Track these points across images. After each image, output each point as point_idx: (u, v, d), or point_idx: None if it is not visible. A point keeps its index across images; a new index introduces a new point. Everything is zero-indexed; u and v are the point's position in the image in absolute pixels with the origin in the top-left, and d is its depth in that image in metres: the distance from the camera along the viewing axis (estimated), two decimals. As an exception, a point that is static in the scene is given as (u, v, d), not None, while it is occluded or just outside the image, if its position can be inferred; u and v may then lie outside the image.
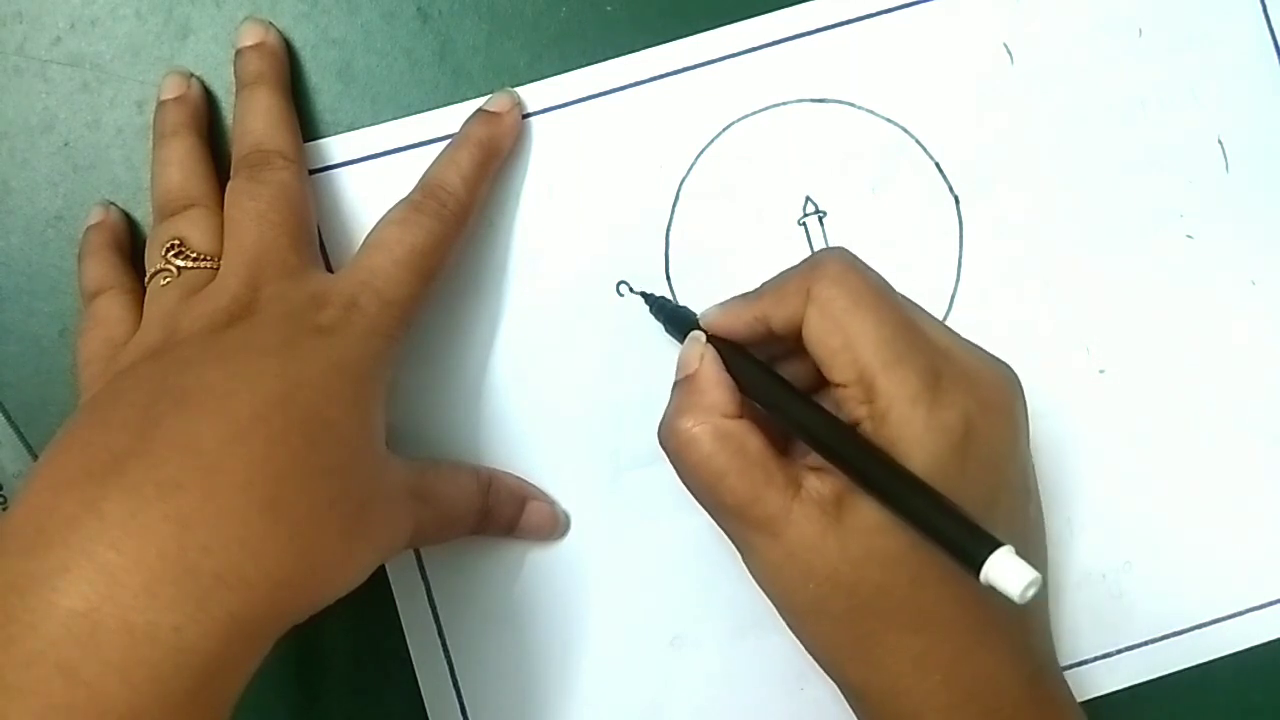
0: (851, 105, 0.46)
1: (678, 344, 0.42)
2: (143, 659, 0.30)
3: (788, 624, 0.40)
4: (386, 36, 0.45)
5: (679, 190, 0.45)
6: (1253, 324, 0.47)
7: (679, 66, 0.45)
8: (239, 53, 0.43)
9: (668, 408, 0.40)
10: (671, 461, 0.40)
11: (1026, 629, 0.40)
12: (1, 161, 0.44)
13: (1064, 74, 0.46)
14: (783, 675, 0.46)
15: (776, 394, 0.39)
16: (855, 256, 0.39)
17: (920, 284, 0.45)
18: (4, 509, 0.44)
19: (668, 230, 0.45)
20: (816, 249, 0.45)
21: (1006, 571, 0.32)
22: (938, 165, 0.46)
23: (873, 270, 0.39)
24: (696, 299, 0.45)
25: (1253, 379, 0.47)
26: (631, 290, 0.45)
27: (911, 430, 0.36)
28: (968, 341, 0.40)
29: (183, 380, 0.35)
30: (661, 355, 0.45)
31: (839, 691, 0.41)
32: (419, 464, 0.42)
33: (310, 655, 0.45)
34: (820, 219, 0.46)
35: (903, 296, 0.39)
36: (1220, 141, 0.47)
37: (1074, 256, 0.46)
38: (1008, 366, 0.40)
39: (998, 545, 0.33)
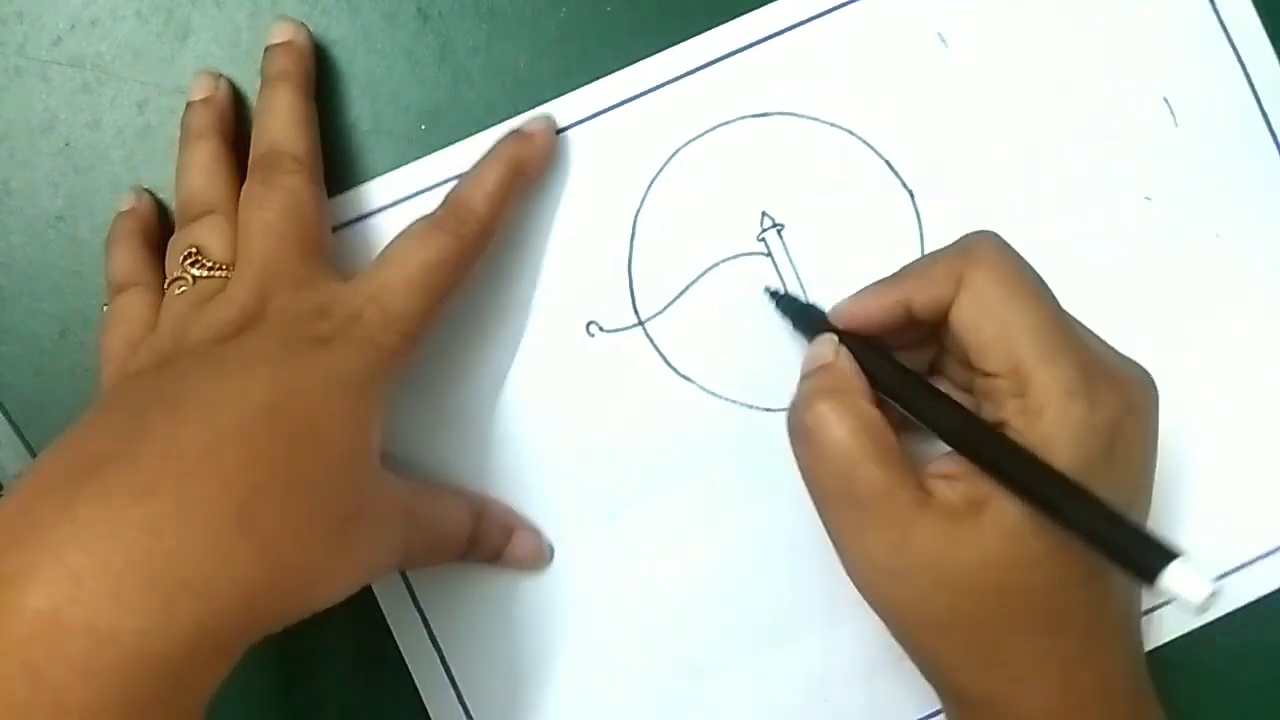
0: (794, 115, 0.45)
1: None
2: (106, 662, 0.30)
3: (899, 635, 0.39)
4: (386, 36, 0.45)
5: (634, 223, 0.45)
6: (1220, 274, 0.46)
7: (617, 100, 0.45)
8: (267, 49, 0.43)
9: (798, 394, 0.39)
10: (798, 445, 0.38)
11: (1131, 629, 0.40)
12: (1, 161, 0.44)
13: (1000, 53, 0.46)
14: (805, 686, 0.45)
15: (916, 392, 0.38)
16: (1007, 242, 0.38)
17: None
18: (4, 509, 0.44)
19: (629, 265, 0.45)
20: (779, 262, 0.45)
21: (1187, 582, 0.32)
22: (887, 162, 0.45)
23: (1024, 259, 0.38)
24: (667, 331, 0.45)
25: (1226, 328, 0.46)
26: (602, 330, 0.45)
27: (1067, 428, 0.35)
28: (1105, 343, 0.39)
29: (175, 388, 0.35)
30: (640, 394, 0.45)
31: (864, 697, 0.40)
32: (414, 486, 0.42)
33: (311, 658, 0.45)
34: (779, 231, 0.45)
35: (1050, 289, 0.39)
36: (1166, 100, 0.46)
37: (1036, 232, 0.45)
38: (1144, 369, 0.39)
39: (1174, 555, 0.32)
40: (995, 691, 0.37)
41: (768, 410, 0.45)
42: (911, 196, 0.46)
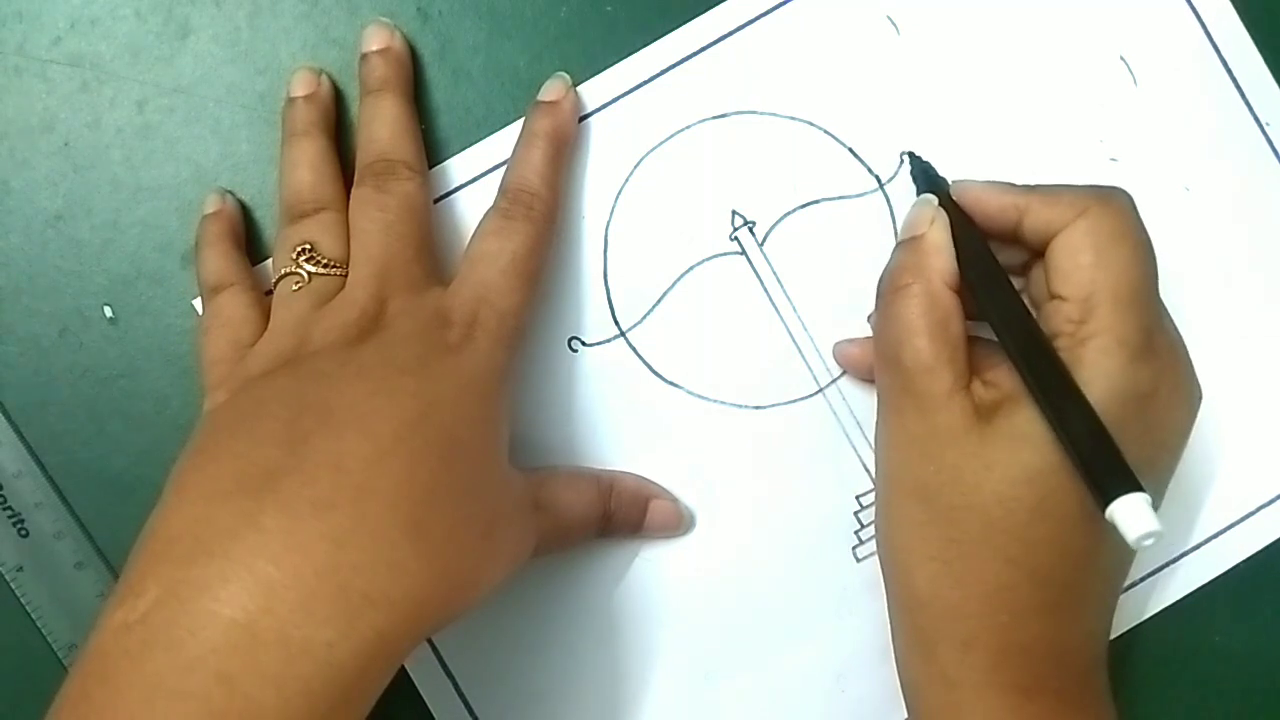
0: (753, 113, 0.46)
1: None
2: (297, 673, 0.31)
3: (882, 504, 0.40)
4: (386, 36, 0.45)
5: (606, 235, 0.45)
6: (1192, 228, 0.47)
7: (583, 113, 0.45)
8: (364, 57, 0.44)
9: (890, 260, 0.41)
10: (877, 307, 0.41)
11: (1103, 620, 0.40)
12: (1, 161, 0.44)
13: (952, 30, 0.46)
14: (822, 679, 0.46)
15: (991, 276, 0.39)
16: (1137, 206, 0.39)
17: (862, 265, 0.45)
18: (4, 508, 0.44)
19: (605, 277, 0.45)
20: (754, 259, 0.46)
21: (1133, 514, 0.32)
22: (851, 150, 0.46)
23: (1146, 228, 0.39)
24: (650, 339, 0.45)
25: (1200, 282, 0.47)
26: (584, 344, 0.45)
27: (1106, 364, 0.37)
28: (1184, 343, 0.40)
29: (324, 395, 0.36)
30: (629, 404, 0.45)
31: (882, 682, 0.41)
32: (538, 474, 0.43)
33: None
34: (751, 229, 0.46)
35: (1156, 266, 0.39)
36: (1123, 59, 0.46)
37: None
38: (1200, 383, 0.40)
39: (1138, 490, 0.33)
40: (944, 598, 0.38)
41: (757, 408, 0.46)
42: (879, 182, 0.46)
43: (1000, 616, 0.38)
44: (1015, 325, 0.38)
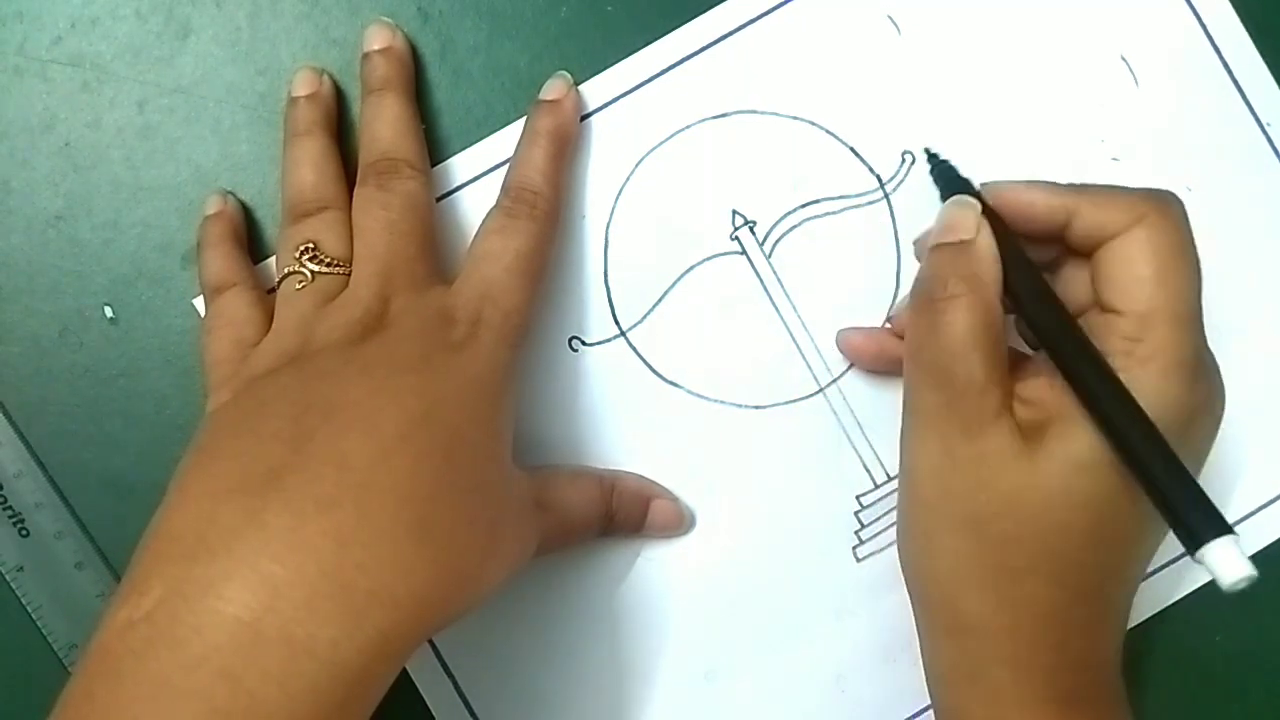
0: (754, 112, 0.46)
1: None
2: (301, 671, 0.31)
3: (921, 532, 0.39)
4: (387, 36, 0.45)
5: (606, 235, 0.45)
6: (1196, 228, 0.46)
7: (583, 112, 0.45)
8: (366, 56, 0.44)
9: (932, 262, 0.38)
10: (918, 315, 0.38)
11: (1125, 613, 0.40)
12: (1, 161, 0.44)
13: (953, 30, 0.46)
14: (821, 680, 0.46)
15: (1040, 290, 0.37)
16: (1189, 218, 0.38)
17: (862, 265, 0.45)
18: (4, 508, 0.44)
19: (605, 277, 0.45)
20: (754, 258, 0.45)
21: (1226, 558, 0.32)
22: (852, 150, 0.46)
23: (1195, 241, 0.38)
24: (650, 339, 0.45)
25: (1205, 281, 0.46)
26: (584, 344, 0.45)
27: (1166, 388, 0.35)
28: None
29: (327, 393, 0.36)
30: (630, 404, 0.45)
31: (881, 684, 0.41)
32: (541, 473, 0.43)
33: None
34: (751, 228, 0.46)
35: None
36: (1124, 59, 0.46)
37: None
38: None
39: (1229, 532, 0.32)
40: (995, 620, 0.37)
41: (757, 408, 0.46)
42: (880, 181, 0.46)
43: (1051, 636, 0.37)
44: (1073, 348, 0.36)
